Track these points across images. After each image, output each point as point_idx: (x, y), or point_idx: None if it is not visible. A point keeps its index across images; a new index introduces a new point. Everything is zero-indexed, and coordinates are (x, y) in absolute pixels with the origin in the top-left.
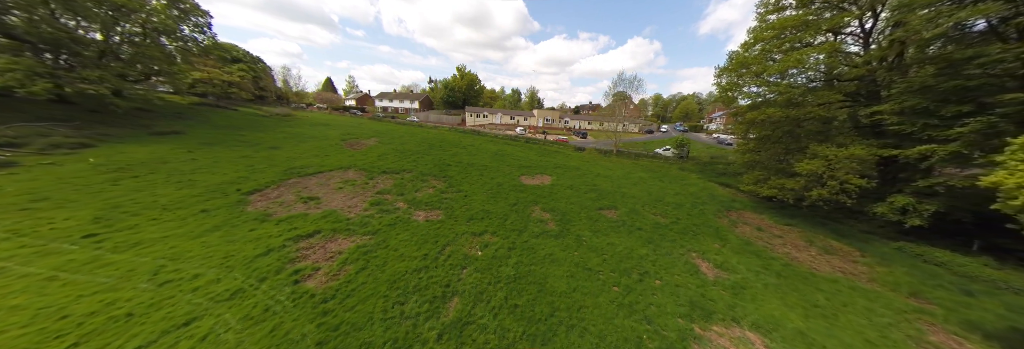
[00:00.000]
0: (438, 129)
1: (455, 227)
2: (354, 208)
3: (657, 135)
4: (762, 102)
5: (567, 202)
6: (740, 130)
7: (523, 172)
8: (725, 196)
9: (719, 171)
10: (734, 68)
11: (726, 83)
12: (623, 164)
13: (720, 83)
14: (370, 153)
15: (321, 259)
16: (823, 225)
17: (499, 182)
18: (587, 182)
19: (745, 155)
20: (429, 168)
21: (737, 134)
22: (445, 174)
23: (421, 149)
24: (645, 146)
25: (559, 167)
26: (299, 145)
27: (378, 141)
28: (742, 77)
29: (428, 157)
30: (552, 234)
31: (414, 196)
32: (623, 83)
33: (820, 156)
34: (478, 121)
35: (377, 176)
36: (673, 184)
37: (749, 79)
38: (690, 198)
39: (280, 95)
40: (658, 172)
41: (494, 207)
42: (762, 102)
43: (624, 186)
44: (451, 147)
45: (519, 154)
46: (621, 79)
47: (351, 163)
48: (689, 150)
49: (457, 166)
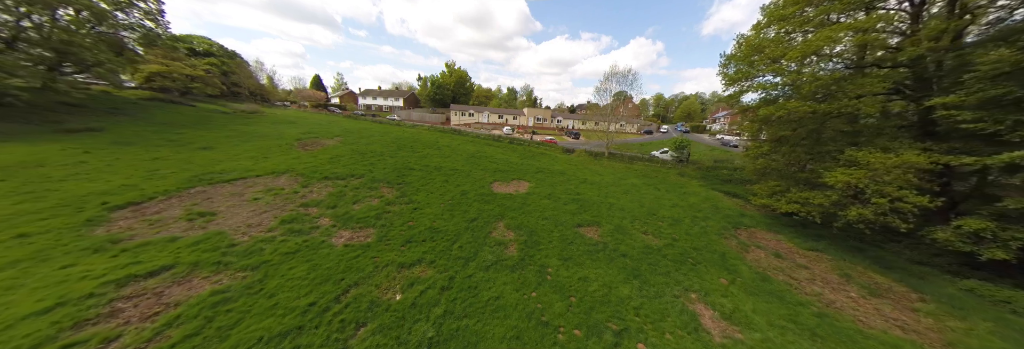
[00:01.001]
0: (417, 128)
1: (382, 254)
2: (255, 228)
3: (656, 136)
4: (779, 95)
5: (540, 217)
6: (750, 130)
7: (498, 178)
8: (731, 209)
9: (724, 178)
10: (744, 54)
11: (734, 73)
12: (615, 168)
13: (727, 73)
14: (322, 155)
15: (137, 318)
16: (859, 251)
17: (464, 190)
18: (570, 190)
19: (757, 161)
20: (385, 173)
21: (747, 135)
22: (402, 180)
23: (387, 150)
24: (641, 148)
25: (541, 171)
26: (239, 145)
27: (340, 141)
28: (754, 64)
29: (391, 160)
30: (509, 264)
31: (349, 209)
32: (615, 78)
33: (859, 164)
34: (463, 120)
35: (314, 183)
36: (670, 193)
37: (763, 66)
38: (690, 211)
39: (254, 91)
40: (654, 178)
41: (447, 224)
42: (779, 95)
43: (613, 195)
44: (423, 148)
45: (499, 156)
46: (613, 73)
47: (291, 167)
48: (689, 153)
49: (421, 170)
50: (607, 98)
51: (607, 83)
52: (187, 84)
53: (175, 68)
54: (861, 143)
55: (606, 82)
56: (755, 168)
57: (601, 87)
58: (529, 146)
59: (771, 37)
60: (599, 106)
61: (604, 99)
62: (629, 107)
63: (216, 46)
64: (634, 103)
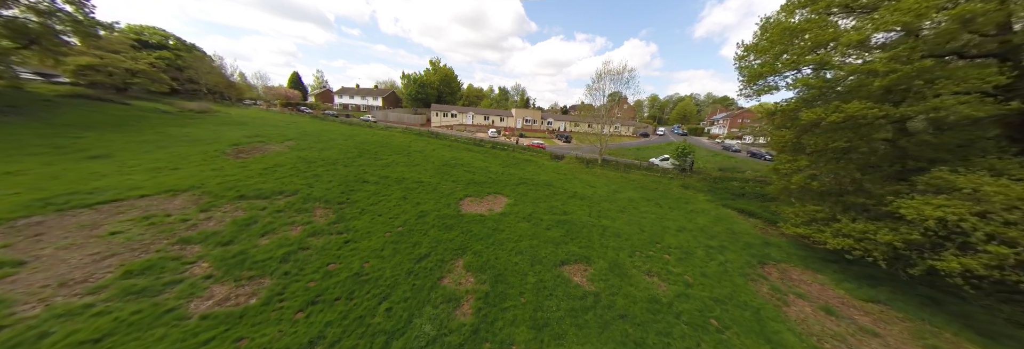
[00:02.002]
0: (391, 130)
1: (256, 333)
2: (73, 286)
3: (653, 139)
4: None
5: (514, 250)
6: (781, 139)
7: (471, 192)
8: (751, 234)
9: (735, 191)
10: (773, 42)
11: (760, 65)
12: (609, 178)
13: (749, 66)
14: (255, 165)
15: None
16: (935, 303)
17: (424, 211)
18: (555, 208)
19: (791, 177)
20: (329, 188)
21: (773, 144)
22: (347, 198)
23: (343, 158)
24: (638, 153)
25: (524, 183)
26: (149, 153)
27: (291, 146)
28: (786, 54)
29: (343, 170)
30: (455, 341)
31: (249, 246)
32: (609, 76)
33: (959, 189)
34: (445, 121)
35: (221, 205)
36: (674, 211)
37: (798, 56)
38: (702, 238)
39: (214, 88)
40: (654, 191)
41: (383, 266)
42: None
43: (607, 214)
44: (390, 154)
45: (477, 164)
46: (607, 71)
47: (201, 182)
48: (693, 161)
49: (377, 184)
50: (601, 98)
51: (600, 82)
52: (126, 79)
53: (111, 61)
54: (948, 161)
55: (599, 81)
56: (788, 186)
57: (594, 86)
58: (514, 151)
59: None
60: (592, 107)
61: (598, 99)
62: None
63: (173, 38)
64: (629, 104)
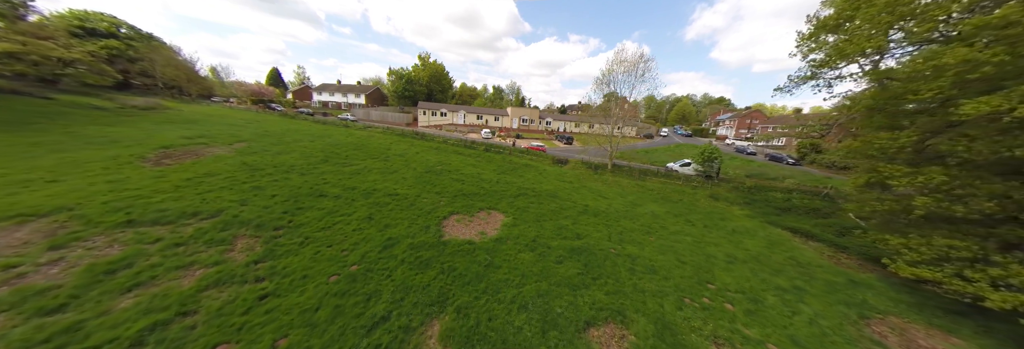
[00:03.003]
0: (370, 130)
1: None
2: None
3: (658, 141)
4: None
5: (516, 302)
6: (870, 145)
7: (458, 207)
8: (823, 265)
9: (777, 205)
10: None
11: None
12: (623, 187)
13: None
14: (177, 174)
15: None
16: None
17: (393, 238)
18: (565, 229)
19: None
20: (267, 206)
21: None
22: (289, 221)
23: (302, 164)
24: (647, 155)
25: (524, 194)
26: (34, 159)
27: (238, 149)
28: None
29: (297, 180)
30: None
31: (93, 314)
32: (623, 67)
33: None
34: (434, 121)
35: (88, 238)
36: (712, 230)
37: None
38: (764, 272)
39: (172, 83)
40: (678, 203)
41: (308, 345)
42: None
43: (631, 238)
44: (363, 159)
45: (467, 170)
46: (619, 61)
47: (79, 200)
48: (720, 166)
49: (336, 198)
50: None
51: (610, 75)
52: (55, 70)
53: (36, 49)
54: None
55: (608, 74)
56: (896, 209)
57: (602, 80)
58: (511, 155)
59: None
60: (599, 105)
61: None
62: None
63: (125, 26)
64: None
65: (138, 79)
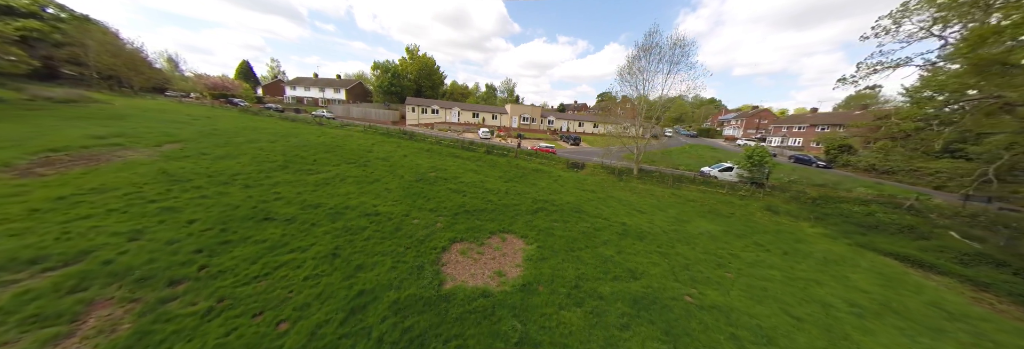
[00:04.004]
0: (349, 129)
1: None
2: None
3: (667, 142)
4: None
5: None
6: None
7: (461, 231)
8: (986, 317)
9: (857, 221)
10: None
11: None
12: (656, 197)
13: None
14: (44, 191)
15: None
16: None
17: (364, 290)
18: (611, 262)
19: None
20: (171, 242)
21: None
22: (204, 265)
23: (252, 171)
24: (667, 158)
25: (542, 209)
26: None
27: (164, 152)
28: None
29: (236, 195)
30: None
31: None
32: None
33: None
34: (425, 118)
35: None
36: (799, 260)
37: None
38: (921, 335)
39: (108, 73)
40: (732, 218)
41: None
42: None
43: (702, 272)
44: (336, 164)
45: (468, 178)
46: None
47: None
48: (771, 172)
49: (288, 223)
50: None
51: (641, 61)
52: None
53: None
54: None
55: (638, 61)
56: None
57: (631, 68)
58: (516, 157)
59: None
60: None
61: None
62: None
63: (53, 6)
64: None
65: (68, 67)
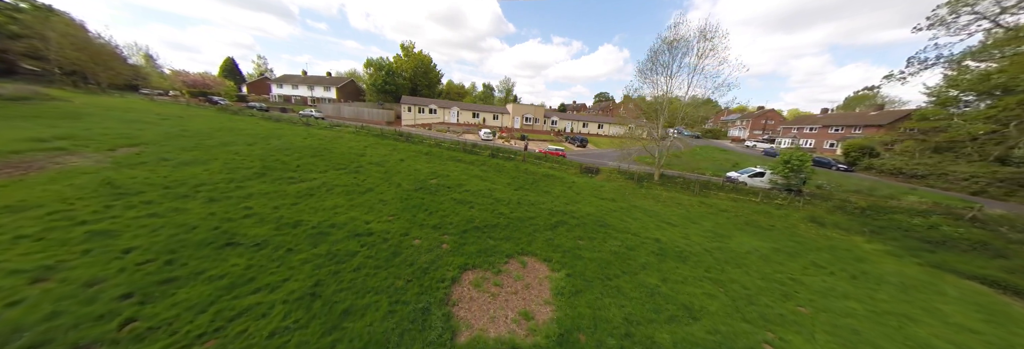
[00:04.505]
0: (339, 130)
1: None
2: None
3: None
4: None
5: None
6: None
7: (472, 256)
8: None
9: (917, 233)
10: None
11: None
12: (683, 205)
13: None
14: None
15: None
16: None
17: None
18: (659, 295)
19: None
20: (91, 283)
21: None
22: (123, 321)
23: (219, 181)
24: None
25: (562, 223)
26: None
27: (117, 158)
28: None
29: (195, 212)
30: None
31: None
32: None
33: None
34: (422, 118)
35: None
36: (874, 287)
37: None
38: None
39: (70, 67)
40: (772, 231)
41: None
42: None
43: (770, 308)
44: (322, 170)
45: (474, 185)
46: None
47: None
48: (808, 177)
49: (255, 250)
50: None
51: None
52: None
53: None
54: None
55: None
56: None
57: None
58: (524, 161)
59: None
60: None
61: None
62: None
63: None
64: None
65: (26, 62)
